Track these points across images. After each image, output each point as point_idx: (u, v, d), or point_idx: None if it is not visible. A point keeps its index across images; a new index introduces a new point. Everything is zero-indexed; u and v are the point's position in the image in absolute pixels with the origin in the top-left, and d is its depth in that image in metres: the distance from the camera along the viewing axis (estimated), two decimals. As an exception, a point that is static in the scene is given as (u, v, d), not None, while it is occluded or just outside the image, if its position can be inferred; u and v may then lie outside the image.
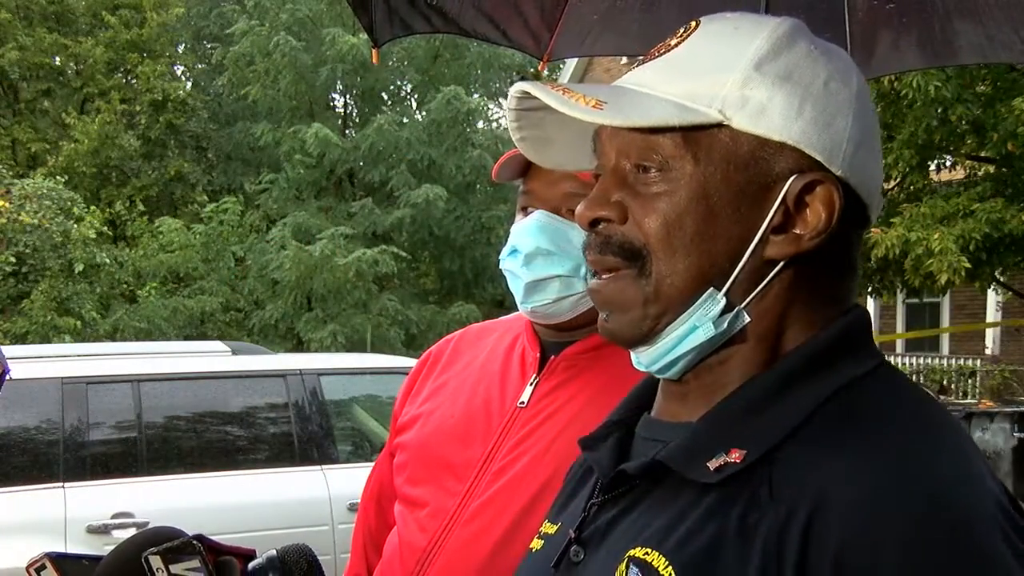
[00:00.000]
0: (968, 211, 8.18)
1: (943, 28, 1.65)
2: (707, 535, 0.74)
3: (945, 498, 0.70)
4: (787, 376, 0.79)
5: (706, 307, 0.80)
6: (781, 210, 0.79)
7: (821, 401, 0.77)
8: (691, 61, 0.83)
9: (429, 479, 1.40)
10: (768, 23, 0.83)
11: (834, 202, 0.79)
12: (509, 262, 1.39)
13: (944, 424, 0.77)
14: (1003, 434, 7.99)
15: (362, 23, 1.68)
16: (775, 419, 0.77)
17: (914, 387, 0.81)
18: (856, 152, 0.81)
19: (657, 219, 0.80)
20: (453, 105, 14.70)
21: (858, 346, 0.81)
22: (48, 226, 12.07)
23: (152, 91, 17.21)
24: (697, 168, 0.80)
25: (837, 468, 0.72)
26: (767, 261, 0.80)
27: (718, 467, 0.76)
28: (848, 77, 0.82)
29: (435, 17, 1.71)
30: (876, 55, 1.72)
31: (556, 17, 1.74)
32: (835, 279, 0.83)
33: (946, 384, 13.09)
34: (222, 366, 5.21)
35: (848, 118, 0.80)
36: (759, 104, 0.79)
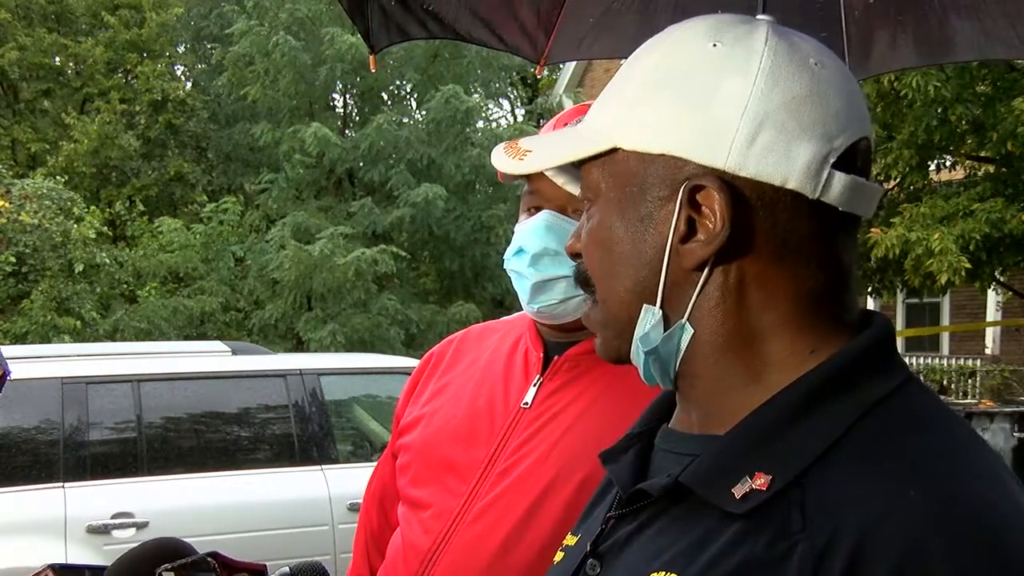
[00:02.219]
0: (968, 211, 8.18)
1: (940, 25, 1.65)
2: (735, 563, 0.72)
3: (987, 520, 0.69)
4: (810, 395, 0.77)
5: (645, 324, 0.81)
6: (684, 218, 0.78)
7: (850, 422, 0.75)
8: (609, 88, 0.85)
9: (433, 480, 1.40)
10: (676, 30, 0.83)
11: (715, 203, 0.77)
12: (515, 262, 1.39)
13: (974, 444, 0.76)
14: (1003, 434, 7.99)
15: (358, 29, 1.68)
16: (802, 441, 0.75)
17: (941, 405, 0.80)
18: (751, 143, 0.77)
19: (590, 247, 0.85)
20: (452, 104, 14.70)
21: (883, 361, 0.79)
22: (48, 226, 12.07)
23: (152, 91, 17.21)
24: (607, 194, 0.82)
25: (876, 494, 0.70)
26: (690, 271, 0.79)
27: (744, 495, 0.75)
28: (747, 67, 0.78)
29: (431, 22, 1.71)
30: (873, 54, 1.72)
31: (552, 21, 1.74)
32: (800, 279, 0.79)
33: (946, 384, 13.09)
34: (222, 366, 5.22)
35: (737, 112, 0.77)
36: (639, 121, 0.80)
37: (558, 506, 1.29)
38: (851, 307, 0.82)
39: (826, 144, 0.77)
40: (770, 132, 0.77)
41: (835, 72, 0.81)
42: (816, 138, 0.77)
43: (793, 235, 0.78)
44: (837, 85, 0.80)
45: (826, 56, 0.82)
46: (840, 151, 0.78)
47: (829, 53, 0.83)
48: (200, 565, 1.15)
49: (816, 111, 0.78)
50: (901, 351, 11.21)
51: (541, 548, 1.26)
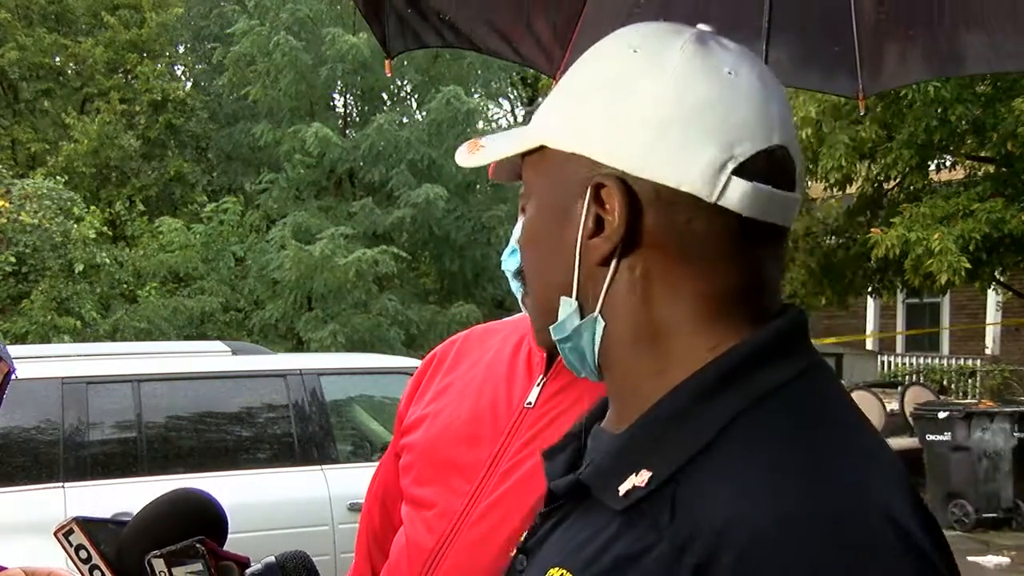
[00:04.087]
0: (968, 211, 8.19)
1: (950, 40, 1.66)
2: (609, 558, 0.75)
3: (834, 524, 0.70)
4: (699, 391, 0.78)
5: (563, 314, 0.85)
6: (592, 216, 0.81)
7: (732, 417, 0.76)
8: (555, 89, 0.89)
9: (436, 480, 1.40)
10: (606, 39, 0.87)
11: (615, 200, 0.80)
12: (509, 262, 1.40)
13: (846, 444, 0.76)
14: (1003, 434, 7.99)
15: (375, 34, 1.69)
16: (684, 438, 0.77)
17: (831, 399, 0.80)
18: (654, 145, 0.79)
19: (521, 241, 0.91)
20: (453, 105, 14.70)
21: (780, 354, 0.80)
22: (48, 226, 12.07)
23: (152, 91, 17.20)
24: (535, 190, 0.88)
25: (733, 491, 0.72)
26: (599, 264, 0.82)
27: (627, 492, 0.77)
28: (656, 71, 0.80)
29: (447, 31, 1.73)
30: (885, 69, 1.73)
31: (568, 35, 1.75)
32: (705, 279, 0.80)
33: (946, 384, 13.09)
34: (222, 366, 5.22)
35: (641, 113, 0.79)
36: (560, 120, 0.84)
37: None
38: (767, 307, 0.82)
39: (726, 150, 0.78)
40: (672, 136, 0.79)
41: (750, 80, 0.81)
42: (716, 144, 0.78)
43: (693, 236, 0.80)
44: (749, 93, 0.80)
45: (746, 65, 0.82)
46: (743, 158, 0.78)
47: (753, 62, 0.83)
48: (188, 551, 1.16)
49: (719, 118, 0.79)
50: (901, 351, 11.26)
51: None
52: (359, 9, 1.70)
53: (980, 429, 8.07)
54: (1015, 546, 7.60)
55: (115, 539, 1.21)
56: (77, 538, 1.20)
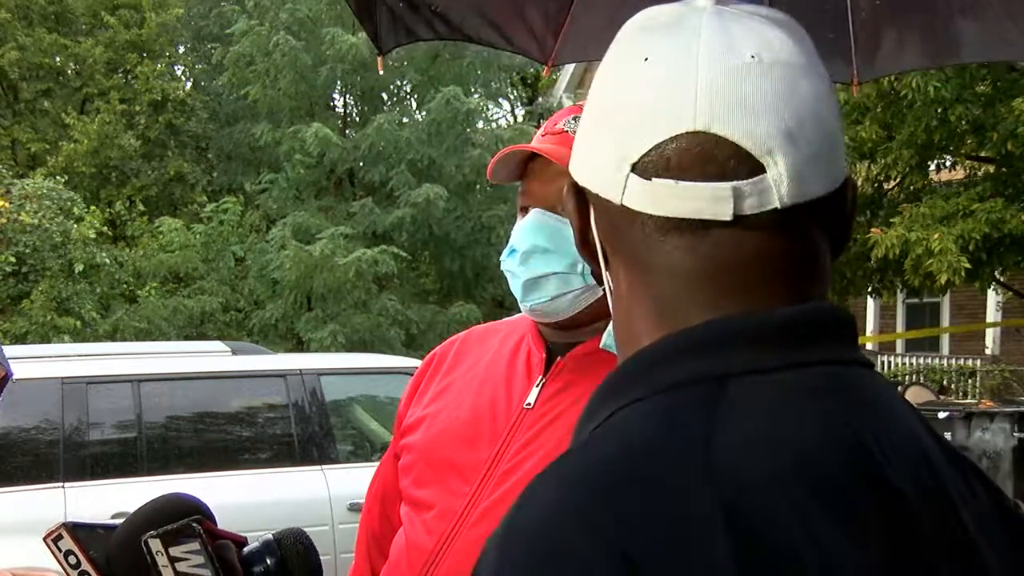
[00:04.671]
0: (968, 211, 8.19)
1: (946, 27, 1.66)
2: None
3: (511, 540, 0.65)
4: (602, 390, 0.75)
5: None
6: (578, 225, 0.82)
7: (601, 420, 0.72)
8: None
9: (436, 481, 1.40)
10: None
11: (570, 209, 0.79)
12: (508, 262, 1.39)
13: (585, 481, 0.66)
14: (1003, 434, 7.99)
15: (367, 31, 1.69)
16: (578, 437, 0.75)
17: (624, 434, 0.70)
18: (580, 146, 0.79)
19: None
20: (452, 105, 14.70)
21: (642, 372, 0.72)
22: (48, 226, 12.07)
23: (152, 91, 17.21)
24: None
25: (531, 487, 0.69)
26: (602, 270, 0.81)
27: None
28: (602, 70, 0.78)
29: (439, 24, 1.72)
30: (880, 55, 1.73)
31: (560, 23, 1.75)
32: (649, 285, 0.74)
33: (946, 384, 13.09)
34: (222, 366, 5.22)
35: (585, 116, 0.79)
36: None
37: None
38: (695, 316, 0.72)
39: (620, 147, 0.73)
40: (588, 137, 0.77)
41: (665, 63, 0.73)
42: (613, 141, 0.74)
43: (627, 240, 0.75)
44: (656, 78, 0.73)
45: (664, 46, 0.74)
46: (638, 155, 0.72)
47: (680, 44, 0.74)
48: (184, 530, 1.16)
49: (620, 110, 0.74)
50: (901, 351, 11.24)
51: None
52: (351, 8, 1.70)
53: (980, 429, 8.07)
54: (1015, 546, 7.60)
55: (104, 544, 1.21)
56: (66, 544, 1.20)
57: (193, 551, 1.16)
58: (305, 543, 1.25)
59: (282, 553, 1.23)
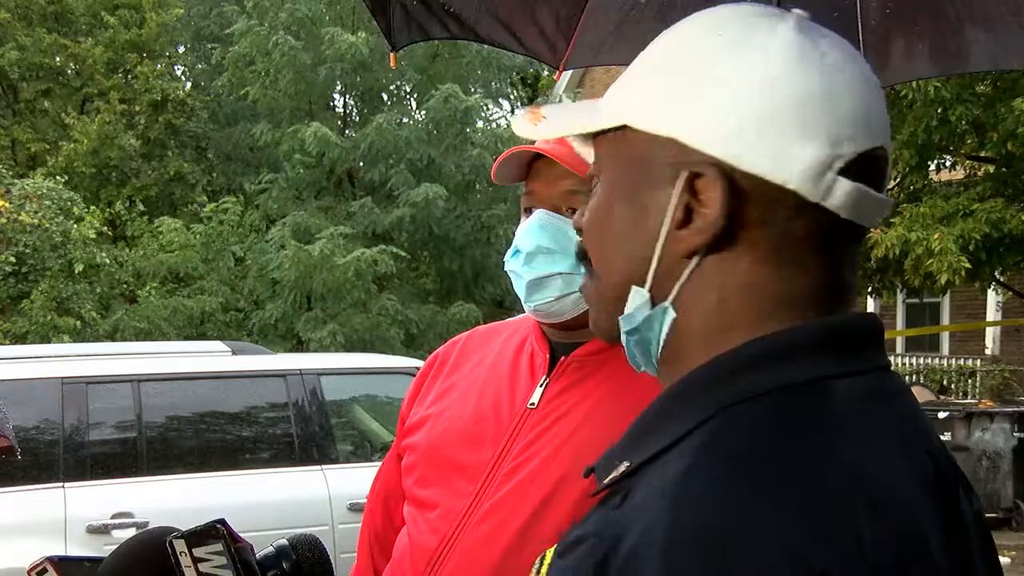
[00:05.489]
0: (968, 211, 8.19)
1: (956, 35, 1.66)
2: (572, 536, 0.76)
3: (703, 563, 0.65)
4: (686, 388, 0.77)
5: (634, 304, 0.81)
6: (682, 204, 0.77)
7: (699, 422, 0.73)
8: (629, 69, 0.85)
9: (439, 480, 1.40)
10: (693, 17, 0.82)
11: (717, 191, 0.75)
12: (512, 263, 1.40)
13: (777, 483, 0.68)
14: (1003, 434, 7.99)
15: (380, 26, 1.69)
16: (660, 434, 0.75)
17: (806, 424, 0.72)
18: (758, 135, 0.75)
19: (588, 223, 0.85)
20: (451, 104, 14.70)
21: (765, 365, 0.74)
22: (48, 226, 12.07)
23: (152, 91, 17.21)
24: (609, 170, 0.82)
25: (652, 498, 0.70)
26: (681, 257, 0.78)
27: (611, 479, 0.77)
28: (751, 61, 0.76)
29: (452, 23, 1.72)
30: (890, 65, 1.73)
31: (572, 27, 1.75)
32: (773, 275, 0.76)
33: (946, 384, 13.09)
34: (222, 366, 5.22)
35: (741, 102, 0.75)
36: (651, 100, 0.79)
37: (565, 506, 1.29)
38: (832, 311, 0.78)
39: (831, 148, 0.75)
40: (773, 129, 0.75)
41: (854, 76, 0.77)
42: (821, 140, 0.75)
43: (789, 235, 0.76)
44: (854, 89, 0.77)
45: (848, 58, 0.78)
46: (848, 157, 0.75)
47: (853, 56, 0.79)
48: (209, 532, 1.17)
49: (823, 111, 0.75)
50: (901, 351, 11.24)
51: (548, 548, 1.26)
52: (365, 2, 1.70)
53: (980, 429, 8.07)
54: (1015, 546, 7.60)
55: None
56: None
57: (216, 552, 1.17)
58: (320, 548, 1.26)
59: (296, 558, 1.24)
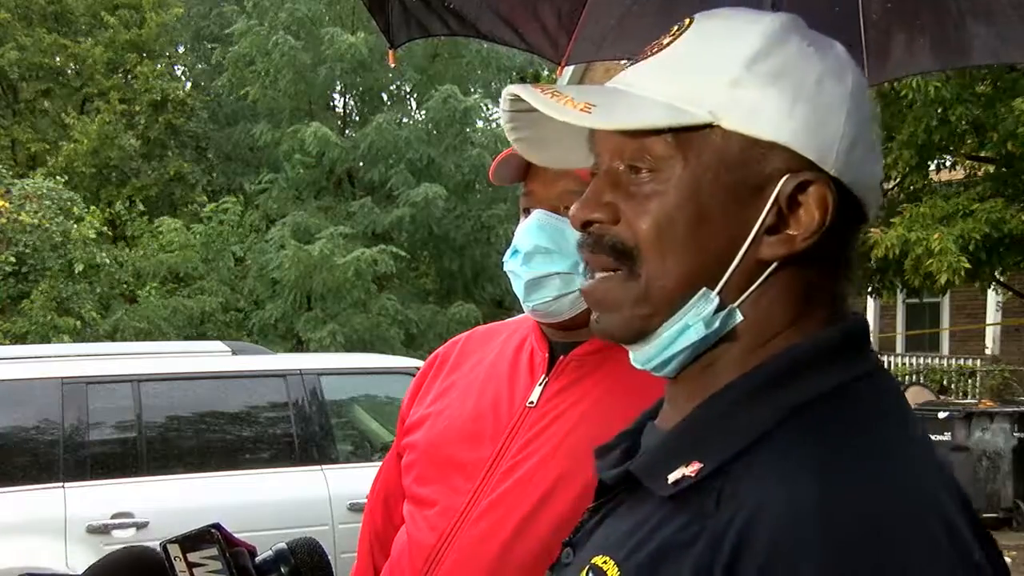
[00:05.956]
0: (968, 211, 8.18)
1: (957, 29, 1.66)
2: (654, 544, 0.75)
3: (860, 518, 0.69)
4: (759, 385, 0.79)
5: (699, 307, 0.80)
6: (774, 210, 0.79)
7: (785, 414, 0.76)
8: (683, 60, 0.82)
9: (438, 478, 1.41)
10: (762, 20, 0.83)
11: (827, 202, 0.78)
12: (511, 263, 1.40)
13: (897, 449, 0.75)
14: (1003, 434, 7.98)
15: (378, 24, 1.68)
16: (737, 430, 0.77)
17: (888, 405, 0.80)
18: (850, 150, 0.80)
19: (648, 220, 0.81)
20: (450, 104, 14.70)
21: (840, 356, 0.80)
22: (48, 226, 12.06)
23: (152, 91, 17.20)
24: (688, 169, 0.80)
25: (777, 487, 0.72)
26: (760, 261, 0.80)
27: (676, 480, 0.77)
28: (843, 74, 0.81)
29: (452, 20, 1.71)
30: (891, 58, 1.72)
31: (573, 22, 1.74)
32: (832, 278, 0.83)
33: (946, 384, 13.09)
34: (222, 366, 5.21)
35: (841, 116, 0.79)
36: (750, 104, 0.79)
37: (563, 504, 1.29)
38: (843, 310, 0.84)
39: (881, 168, 0.82)
40: (862, 145, 0.80)
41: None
42: (879, 162, 0.82)
43: (848, 243, 0.83)
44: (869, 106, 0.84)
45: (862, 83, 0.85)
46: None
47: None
48: (203, 537, 1.17)
49: (876, 134, 0.82)
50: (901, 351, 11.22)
51: (546, 545, 1.26)
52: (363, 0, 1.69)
53: (980, 429, 8.07)
54: (1015, 546, 7.59)
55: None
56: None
57: (211, 557, 1.16)
58: (319, 552, 1.25)
59: (295, 562, 1.24)
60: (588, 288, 0.86)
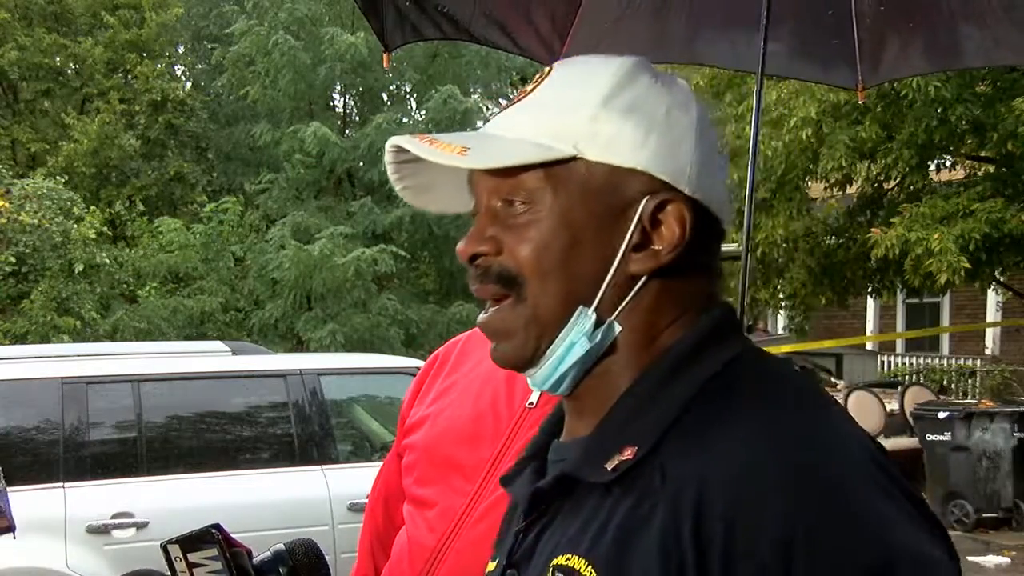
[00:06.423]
0: (968, 211, 8.19)
1: (949, 32, 1.66)
2: (613, 529, 0.81)
3: (813, 463, 0.78)
4: (664, 373, 0.86)
5: (579, 324, 0.87)
6: (639, 229, 0.87)
7: (696, 390, 0.84)
8: (547, 103, 0.91)
9: (438, 479, 1.41)
10: (613, 62, 0.92)
11: (684, 217, 0.87)
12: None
13: (808, 393, 0.86)
14: (1003, 434, 7.98)
15: (372, 28, 1.68)
16: (659, 412, 0.84)
17: (780, 364, 0.90)
18: (701, 171, 0.88)
19: (527, 247, 0.88)
20: (450, 104, 14.70)
21: (724, 336, 0.89)
22: (48, 226, 12.06)
23: (152, 91, 17.20)
24: (557, 199, 0.87)
25: (714, 447, 0.79)
26: (631, 276, 0.87)
27: (615, 467, 0.83)
28: (687, 105, 0.91)
29: (445, 24, 1.72)
30: (884, 61, 1.73)
31: (567, 26, 1.75)
32: (698, 284, 0.91)
33: (946, 384, 13.09)
34: (222, 366, 5.21)
35: (691, 141, 0.89)
36: (608, 137, 0.87)
37: None
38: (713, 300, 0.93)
39: (727, 183, 0.92)
40: (710, 166, 0.90)
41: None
42: (725, 178, 0.92)
43: (711, 253, 0.92)
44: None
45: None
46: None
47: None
48: (203, 537, 1.17)
49: (717, 148, 0.92)
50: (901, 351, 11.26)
51: None
52: (357, 3, 1.69)
53: (980, 429, 8.07)
54: (1015, 546, 7.59)
55: None
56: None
57: (211, 557, 1.17)
58: (316, 553, 1.26)
59: (293, 563, 1.24)
60: (484, 320, 0.92)
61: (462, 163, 0.88)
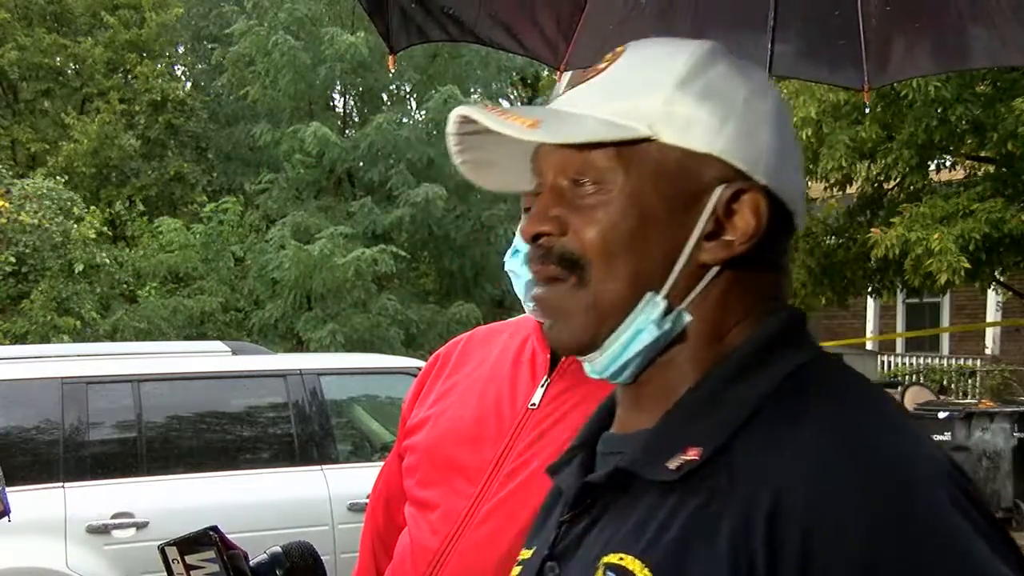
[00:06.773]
0: (968, 211, 8.18)
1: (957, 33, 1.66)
2: (675, 530, 0.78)
3: (891, 468, 0.76)
4: (735, 371, 0.84)
5: (648, 310, 0.85)
6: (712, 218, 0.85)
7: (769, 391, 0.82)
8: (621, 82, 0.88)
9: (440, 481, 1.40)
10: (689, 45, 0.90)
11: (760, 208, 0.85)
12: (511, 263, 1.40)
13: (882, 401, 0.83)
14: (1003, 434, 7.99)
15: (378, 30, 1.69)
16: (727, 413, 0.81)
17: (851, 371, 0.87)
18: (777, 162, 0.87)
19: (594, 229, 0.85)
20: (450, 105, 14.67)
21: (797, 339, 0.87)
22: (48, 226, 12.06)
23: (152, 91, 17.19)
24: (629, 180, 0.85)
25: (789, 450, 0.77)
26: (702, 265, 0.85)
27: (678, 466, 0.80)
28: (765, 93, 0.89)
29: (451, 25, 1.72)
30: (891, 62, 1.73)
31: (572, 27, 1.75)
32: (768, 280, 0.89)
33: (946, 384, 13.09)
34: (222, 366, 5.22)
35: (768, 130, 0.87)
36: (684, 120, 0.85)
37: None
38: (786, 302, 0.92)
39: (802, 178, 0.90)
40: (787, 158, 0.88)
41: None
42: (801, 173, 0.91)
43: (780, 247, 0.89)
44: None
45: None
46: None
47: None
48: (201, 539, 1.17)
49: (795, 140, 0.90)
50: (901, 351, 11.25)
51: None
52: (362, 5, 1.69)
53: (980, 429, 8.07)
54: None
55: None
56: None
57: (208, 559, 1.17)
58: (313, 555, 1.26)
59: (290, 565, 1.24)
60: (540, 295, 0.89)
61: (533, 136, 0.85)
